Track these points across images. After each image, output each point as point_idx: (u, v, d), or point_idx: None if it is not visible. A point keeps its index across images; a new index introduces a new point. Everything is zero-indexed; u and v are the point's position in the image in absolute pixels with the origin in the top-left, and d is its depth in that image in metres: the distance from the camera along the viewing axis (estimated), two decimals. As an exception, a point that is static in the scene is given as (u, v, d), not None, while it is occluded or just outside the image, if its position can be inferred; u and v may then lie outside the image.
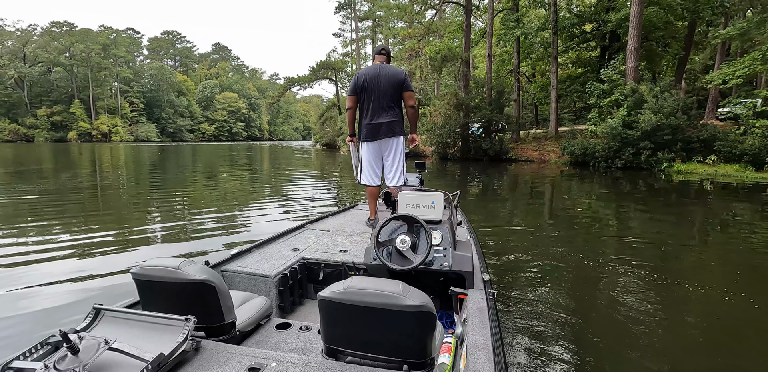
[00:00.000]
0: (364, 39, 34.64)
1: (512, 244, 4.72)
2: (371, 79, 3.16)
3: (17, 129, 56.19)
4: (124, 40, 69.19)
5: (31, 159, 21.81)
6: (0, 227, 5.43)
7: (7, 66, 56.34)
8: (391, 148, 3.28)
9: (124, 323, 1.26)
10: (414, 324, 1.21)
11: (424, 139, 20.11)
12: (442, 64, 17.15)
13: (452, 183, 11.88)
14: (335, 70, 34.93)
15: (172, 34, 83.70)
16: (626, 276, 3.62)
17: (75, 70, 60.49)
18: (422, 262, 1.87)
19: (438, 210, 2.09)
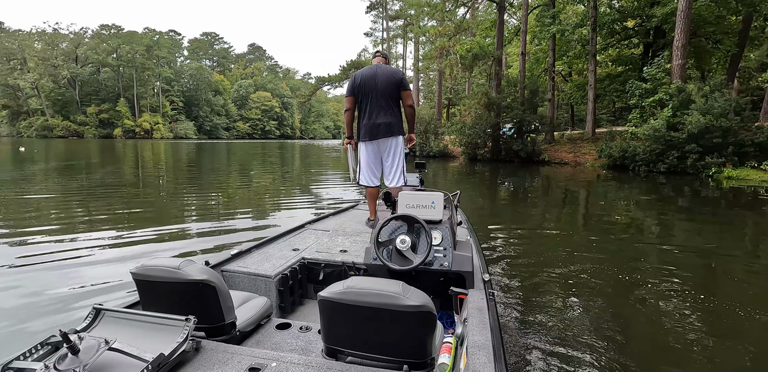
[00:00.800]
0: (395, 38, 34.47)
1: (540, 248, 4.55)
2: (368, 79, 3.14)
3: (69, 126, 59.94)
4: (166, 42, 72.33)
5: (81, 154, 23.19)
6: (51, 215, 5.89)
7: (61, 67, 60.22)
8: (390, 149, 3.25)
9: (124, 323, 1.25)
10: (414, 324, 1.21)
11: (453, 139, 19.76)
12: (473, 62, 16.73)
13: (481, 185, 11.57)
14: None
15: (211, 35, 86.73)
16: (662, 291, 3.31)
17: (121, 70, 63.85)
18: (422, 262, 1.86)
19: (438, 210, 2.08)
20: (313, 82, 40.69)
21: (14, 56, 59.36)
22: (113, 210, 6.51)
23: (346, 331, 1.27)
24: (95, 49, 62.78)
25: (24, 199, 7.46)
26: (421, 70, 28.14)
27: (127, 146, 35.05)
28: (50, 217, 5.92)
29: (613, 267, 3.92)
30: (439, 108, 25.67)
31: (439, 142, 21.59)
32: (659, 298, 3.19)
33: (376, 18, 39.11)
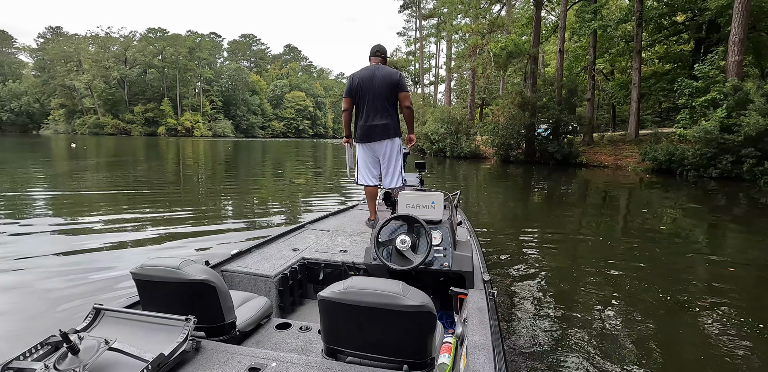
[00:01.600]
0: (428, 37, 34.06)
1: (572, 254, 4.38)
2: (366, 80, 3.13)
3: (118, 124, 63.58)
4: (207, 44, 75.24)
5: (126, 151, 24.53)
6: (99, 205, 6.33)
7: (112, 68, 63.96)
8: (386, 151, 3.25)
9: (124, 323, 1.25)
10: (414, 324, 1.20)
11: (485, 139, 19.25)
12: (508, 61, 16.15)
13: (514, 187, 11.16)
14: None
15: (249, 36, 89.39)
16: (704, 311, 2.97)
17: (166, 71, 67.02)
18: (422, 262, 1.86)
19: (438, 210, 2.08)
20: (346, 81, 40.96)
21: (71, 59, 63.68)
22: (150, 205, 6.73)
23: (346, 331, 1.27)
24: (143, 51, 66.21)
25: (67, 192, 7.88)
26: (453, 69, 27.66)
27: (169, 144, 36.76)
28: (91, 208, 6.20)
29: (650, 277, 3.64)
30: (471, 108, 25.10)
31: (471, 142, 21.11)
32: (699, 316, 2.88)
33: (409, 17, 38.88)
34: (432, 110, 23.80)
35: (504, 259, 4.19)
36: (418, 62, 35.37)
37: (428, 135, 22.41)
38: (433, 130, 21.85)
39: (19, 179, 9.73)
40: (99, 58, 64.36)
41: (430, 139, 22.39)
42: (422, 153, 24.03)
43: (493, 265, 3.96)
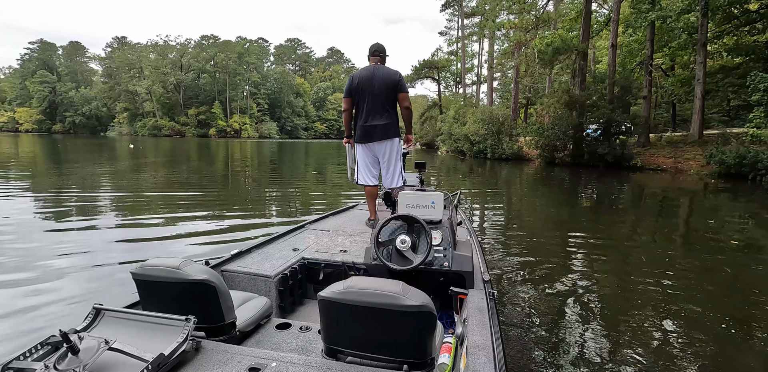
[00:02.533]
0: (471, 36, 33.23)
1: (623, 261, 4.25)
2: (366, 80, 3.13)
3: (174, 126, 67.87)
4: (255, 49, 78.35)
5: (179, 151, 26.26)
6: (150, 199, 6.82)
7: (169, 74, 68.34)
8: (386, 151, 3.25)
9: (125, 323, 1.25)
10: (414, 324, 1.20)
11: (529, 140, 18.38)
12: (554, 57, 15.26)
13: (559, 191, 10.50)
14: (438, 68, 34.30)
15: (294, 41, 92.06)
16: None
17: (217, 76, 70.60)
18: (422, 262, 1.87)
19: (438, 210, 2.09)
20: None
21: (134, 66, 68.79)
22: (189, 204, 6.97)
23: (346, 331, 1.26)
24: (196, 57, 70.17)
25: (112, 192, 8.34)
26: (494, 67, 26.82)
27: (219, 145, 38.75)
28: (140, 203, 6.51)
29: (708, 290, 3.30)
30: (514, 108, 24.14)
31: (513, 144, 20.27)
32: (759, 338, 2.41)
33: (451, 16, 38.23)
34: (473, 111, 23.11)
35: (543, 264, 4.04)
36: (459, 62, 34.62)
37: (468, 136, 21.79)
38: (474, 131, 21.21)
39: (88, 177, 10.50)
40: (158, 65, 68.99)
41: (471, 141, 21.76)
42: (462, 154, 23.44)
43: (529, 269, 3.86)
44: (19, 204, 6.90)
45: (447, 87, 40.51)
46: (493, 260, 4.17)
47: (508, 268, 3.91)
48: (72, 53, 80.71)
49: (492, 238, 5.16)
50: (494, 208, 7.69)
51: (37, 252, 4.09)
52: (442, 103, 33.77)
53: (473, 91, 39.24)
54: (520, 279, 3.62)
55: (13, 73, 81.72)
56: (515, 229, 5.90)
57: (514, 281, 3.56)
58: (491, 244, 4.91)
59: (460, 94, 34.00)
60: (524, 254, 4.45)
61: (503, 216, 7.06)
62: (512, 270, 3.87)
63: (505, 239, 5.23)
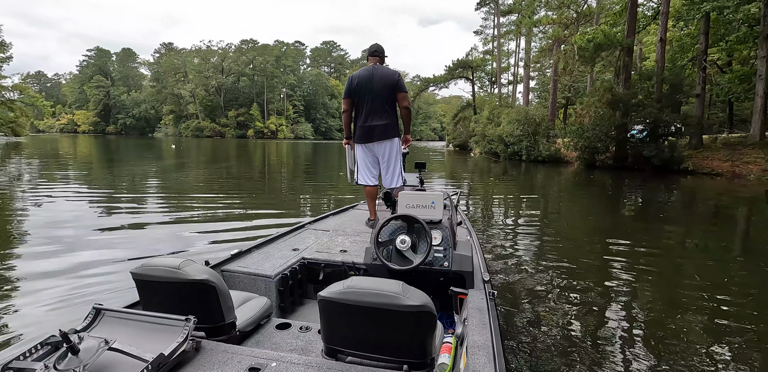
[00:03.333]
0: (507, 34, 32.22)
1: (671, 271, 4.04)
2: (365, 81, 3.14)
3: (215, 127, 70.80)
4: (292, 52, 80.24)
5: (221, 151, 27.66)
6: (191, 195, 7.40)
7: (211, 77, 71.38)
8: (385, 151, 3.26)
9: (125, 323, 1.26)
10: (414, 324, 1.20)
11: (567, 142, 17.52)
12: (595, 54, 14.39)
13: (600, 196, 9.88)
14: (472, 68, 33.57)
15: (329, 43, 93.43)
16: None
17: (255, 79, 72.96)
18: (422, 262, 1.87)
19: (438, 210, 2.09)
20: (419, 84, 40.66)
21: (179, 70, 72.35)
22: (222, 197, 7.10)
23: (346, 331, 1.27)
24: (236, 61, 72.79)
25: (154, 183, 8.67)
26: (531, 66, 25.89)
27: (256, 145, 40.05)
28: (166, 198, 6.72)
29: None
30: (552, 108, 23.11)
31: (550, 145, 19.42)
32: None
33: (486, 14, 37.32)
34: (508, 111, 22.37)
35: (572, 271, 3.89)
36: (495, 61, 33.71)
37: (502, 137, 21.11)
38: (508, 131, 20.52)
39: (137, 175, 11.01)
40: (201, 69, 72.21)
41: (505, 142, 21.07)
42: (495, 156, 22.76)
43: (559, 274, 3.75)
44: (76, 198, 7.51)
45: (482, 87, 39.59)
46: (519, 264, 4.06)
47: (533, 272, 3.79)
48: (124, 59, 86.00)
49: (525, 244, 4.90)
50: (529, 214, 7.30)
51: (85, 242, 4.55)
52: (476, 104, 33.05)
53: (509, 91, 38.19)
54: (550, 284, 3.51)
55: (73, 79, 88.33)
56: (551, 235, 5.61)
57: (539, 285, 3.47)
58: (524, 249, 4.72)
59: (495, 94, 33.06)
60: (555, 260, 4.25)
61: (538, 220, 6.70)
62: (539, 274, 3.74)
63: (540, 243, 4.97)
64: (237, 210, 6.73)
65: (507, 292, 3.28)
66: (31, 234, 4.87)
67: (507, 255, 4.40)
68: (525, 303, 3.09)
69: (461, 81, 34.17)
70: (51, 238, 4.61)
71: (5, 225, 5.35)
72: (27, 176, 10.83)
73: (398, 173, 3.30)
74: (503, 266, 3.99)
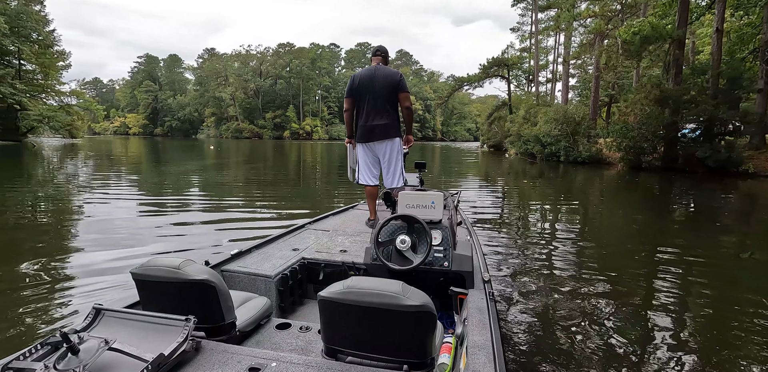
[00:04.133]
0: (546, 31, 30.94)
1: (725, 282, 3.74)
2: (366, 80, 3.16)
3: (253, 129, 73.32)
4: (327, 54, 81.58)
5: (258, 151, 28.72)
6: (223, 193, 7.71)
7: (250, 81, 73.94)
8: (386, 151, 3.25)
9: (124, 323, 1.25)
10: (414, 324, 1.20)
11: (610, 142, 16.51)
12: (642, 48, 13.38)
13: (647, 200, 9.17)
14: (508, 66, 32.54)
15: (364, 45, 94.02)
16: None
17: (291, 81, 74.77)
18: (422, 262, 1.87)
19: (438, 210, 2.09)
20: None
21: (220, 74, 75.46)
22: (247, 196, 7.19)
23: (346, 331, 1.27)
24: (274, 64, 74.93)
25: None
26: (571, 63, 24.69)
27: (292, 146, 41.04)
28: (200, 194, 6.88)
29: None
30: (594, 106, 21.87)
31: (591, 145, 18.39)
32: None
33: (524, 11, 36.12)
34: (545, 110, 21.43)
35: (610, 278, 3.66)
36: (532, 59, 32.50)
37: (539, 137, 20.26)
38: (545, 131, 19.65)
39: (181, 173, 11.48)
40: (241, 73, 74.94)
41: (541, 142, 20.20)
42: (531, 157, 21.89)
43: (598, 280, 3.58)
44: (127, 194, 8.19)
45: (518, 86, 38.36)
46: (544, 268, 3.91)
47: (561, 278, 3.61)
48: (171, 65, 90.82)
49: (562, 251, 4.56)
50: (566, 219, 6.84)
51: (135, 234, 4.98)
52: (512, 103, 32.03)
53: (548, 90, 36.74)
54: (584, 289, 3.37)
55: (125, 84, 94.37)
56: (589, 240, 5.27)
57: (567, 290, 3.35)
58: (559, 254, 4.46)
59: (533, 93, 31.87)
60: (593, 267, 4.01)
61: (574, 225, 6.27)
62: (564, 280, 3.57)
63: (577, 250, 4.67)
64: (267, 209, 6.74)
65: (529, 296, 3.20)
66: (77, 226, 5.30)
67: (535, 260, 4.10)
68: (527, 303, 3.07)
69: (497, 80, 33.26)
70: (99, 232, 4.96)
71: (59, 217, 5.69)
72: (79, 173, 11.52)
73: (399, 173, 3.30)
74: (525, 270, 3.86)
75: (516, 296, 3.18)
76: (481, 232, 5.36)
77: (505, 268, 3.87)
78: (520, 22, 38.03)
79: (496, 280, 3.46)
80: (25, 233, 4.96)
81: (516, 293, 3.25)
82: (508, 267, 3.94)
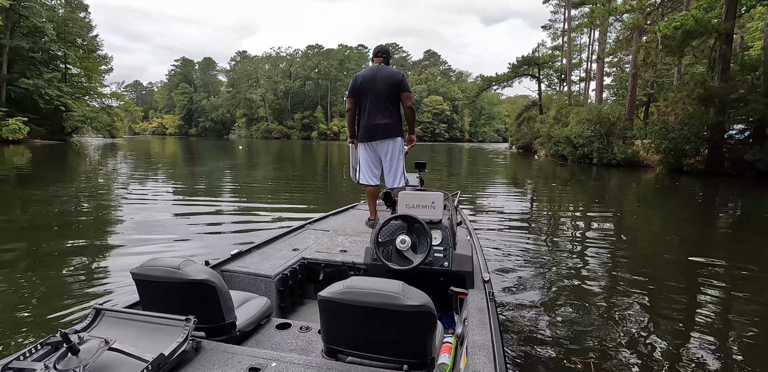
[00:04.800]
0: (579, 28, 29.73)
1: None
2: (368, 80, 3.16)
3: (282, 129, 74.91)
4: (355, 55, 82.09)
5: (286, 152, 29.44)
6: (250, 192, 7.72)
7: (279, 82, 75.50)
8: (388, 151, 3.25)
9: (125, 323, 1.26)
10: (414, 324, 1.20)
11: (647, 144, 15.60)
12: (684, 43, 12.50)
13: (689, 206, 8.56)
14: (539, 65, 31.54)
15: (391, 45, 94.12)
16: None
17: (320, 82, 75.79)
18: (422, 262, 1.87)
19: (438, 210, 2.09)
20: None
21: (251, 76, 77.50)
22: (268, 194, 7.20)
23: (346, 331, 1.27)
24: (303, 66, 76.24)
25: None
26: (606, 61, 23.54)
27: (319, 146, 41.62)
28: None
29: None
30: (631, 105, 20.75)
31: (627, 147, 17.46)
32: None
33: (556, 7, 34.93)
34: (577, 110, 20.56)
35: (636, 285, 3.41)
36: (565, 57, 31.33)
37: (571, 138, 19.45)
38: (577, 132, 18.83)
39: (213, 172, 11.76)
40: (271, 75, 76.68)
41: (573, 144, 19.39)
42: (562, 159, 21.07)
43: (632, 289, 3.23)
44: (164, 189, 8.68)
45: (549, 85, 37.13)
46: (573, 274, 3.66)
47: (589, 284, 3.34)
48: (205, 67, 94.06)
49: (589, 257, 4.26)
50: (599, 225, 6.43)
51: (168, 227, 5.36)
52: (542, 103, 31.03)
53: (581, 89, 35.37)
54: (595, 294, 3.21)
55: (162, 87, 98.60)
56: (618, 247, 4.95)
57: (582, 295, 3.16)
58: (586, 261, 4.23)
59: (565, 92, 30.72)
60: (616, 271, 3.78)
61: (609, 230, 5.89)
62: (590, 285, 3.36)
63: (605, 255, 4.38)
64: (289, 207, 6.72)
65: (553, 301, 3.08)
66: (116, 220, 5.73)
67: (560, 266, 3.80)
68: (527, 303, 3.05)
69: (527, 79, 32.30)
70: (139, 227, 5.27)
71: (94, 209, 5.90)
72: (115, 170, 11.99)
73: (400, 173, 3.27)
74: (539, 272, 3.75)
75: (516, 296, 3.16)
76: (502, 235, 5.13)
77: (518, 269, 3.80)
78: (552, 20, 36.84)
79: (508, 281, 3.43)
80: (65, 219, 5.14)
81: (516, 293, 3.23)
82: (521, 268, 3.86)
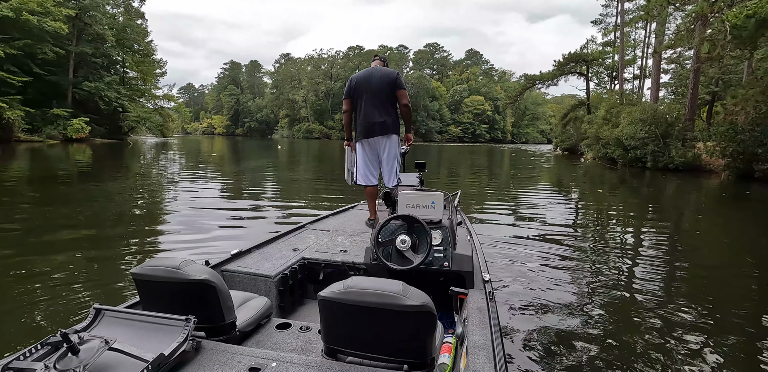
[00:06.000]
0: (634, 22, 27.59)
1: None
2: (363, 80, 3.19)
3: (322, 129, 76.52)
4: (395, 56, 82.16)
5: (325, 152, 30.35)
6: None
7: (321, 83, 77.10)
8: (385, 147, 3.24)
9: (125, 323, 1.26)
10: (414, 324, 1.21)
11: (711, 146, 14.11)
12: (758, 33, 11.06)
13: (759, 216, 7.53)
14: (587, 62, 29.72)
15: (432, 46, 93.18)
16: None
17: (360, 83, 76.75)
18: (422, 262, 1.89)
19: (438, 210, 2.10)
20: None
21: (294, 78, 79.74)
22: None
23: (346, 331, 1.27)
24: (343, 67, 77.33)
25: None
26: (664, 56, 21.62)
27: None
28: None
29: None
30: (692, 104, 18.91)
31: (687, 150, 15.91)
32: None
33: (608, 1, 32.80)
34: (630, 109, 19.06)
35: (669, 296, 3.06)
36: (617, 53, 29.29)
37: (621, 140, 18.06)
38: (629, 133, 17.44)
39: (256, 169, 12.09)
40: (312, 76, 78.53)
41: (624, 146, 17.99)
42: (611, 162, 19.64)
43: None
44: (208, 185, 9.38)
45: (599, 84, 34.98)
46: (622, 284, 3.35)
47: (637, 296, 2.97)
48: (251, 70, 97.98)
49: (642, 268, 3.82)
50: (653, 236, 5.74)
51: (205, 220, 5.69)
52: (590, 102, 29.23)
53: (634, 87, 32.98)
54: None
55: (212, 89, 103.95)
56: (682, 260, 4.45)
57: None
58: (638, 270, 3.89)
59: (616, 91, 28.73)
60: (651, 283, 3.25)
61: (663, 241, 5.24)
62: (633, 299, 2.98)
63: (659, 267, 3.92)
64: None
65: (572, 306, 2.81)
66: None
67: (604, 275, 3.30)
68: (528, 303, 3.05)
69: (574, 77, 30.56)
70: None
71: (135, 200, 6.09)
72: (166, 166, 12.53)
73: (395, 171, 3.26)
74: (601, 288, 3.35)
75: (516, 297, 3.14)
76: (545, 245, 4.73)
77: (521, 271, 3.67)
78: (603, 14, 34.57)
79: (516, 283, 3.40)
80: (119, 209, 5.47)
81: (516, 293, 3.20)
82: (530, 272, 3.72)
